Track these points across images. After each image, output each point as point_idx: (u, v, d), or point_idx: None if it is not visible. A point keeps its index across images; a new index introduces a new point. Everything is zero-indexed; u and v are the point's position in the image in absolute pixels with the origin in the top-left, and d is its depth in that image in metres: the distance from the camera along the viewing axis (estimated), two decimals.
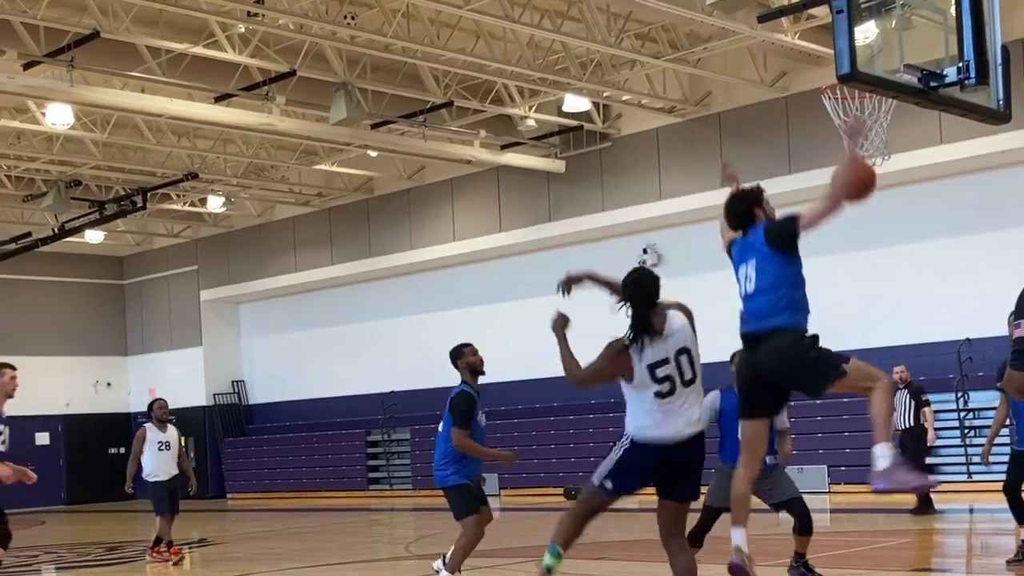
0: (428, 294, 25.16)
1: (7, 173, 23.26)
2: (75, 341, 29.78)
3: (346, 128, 18.20)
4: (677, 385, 6.20)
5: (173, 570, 13.96)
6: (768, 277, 6.26)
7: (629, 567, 11.18)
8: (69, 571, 13.94)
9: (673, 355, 6.27)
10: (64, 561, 14.91)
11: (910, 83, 6.24)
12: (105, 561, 14.57)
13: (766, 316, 6.11)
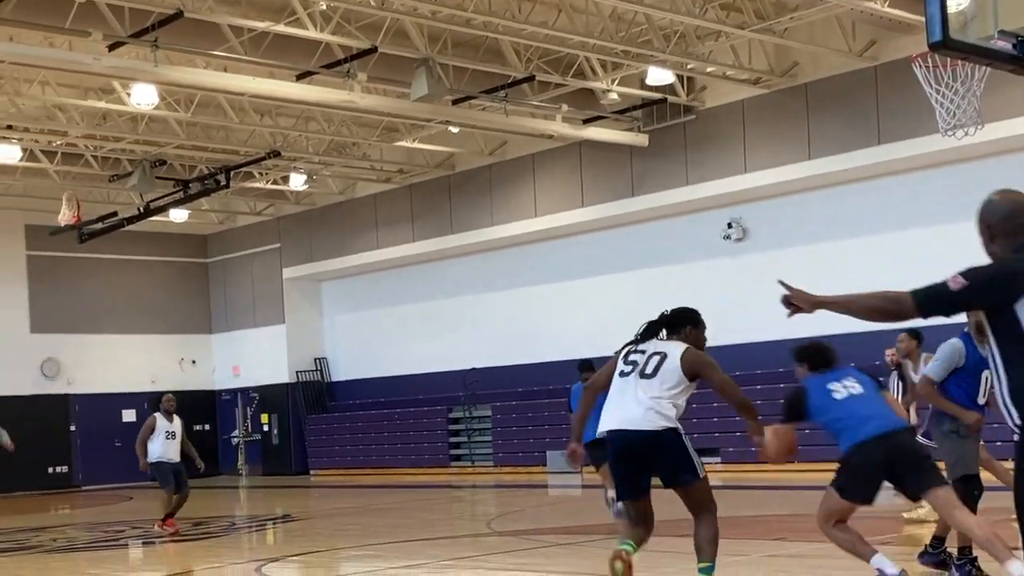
0: (510, 270, 25.36)
1: (93, 154, 23.92)
2: (161, 319, 30.55)
3: (427, 104, 18.39)
4: (635, 371, 6.82)
5: (258, 544, 14.41)
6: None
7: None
8: (156, 545, 14.35)
9: (649, 352, 6.90)
10: (152, 535, 15.37)
11: (1004, 50, 6.21)
12: (190, 536, 14.96)
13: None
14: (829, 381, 6.71)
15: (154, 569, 12.03)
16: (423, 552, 11.70)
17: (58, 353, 28.85)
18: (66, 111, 20.79)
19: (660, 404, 6.69)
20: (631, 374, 6.80)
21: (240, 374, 30.72)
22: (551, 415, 23.54)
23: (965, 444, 7.66)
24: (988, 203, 4.25)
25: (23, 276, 28.43)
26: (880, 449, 6.41)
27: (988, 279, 4.02)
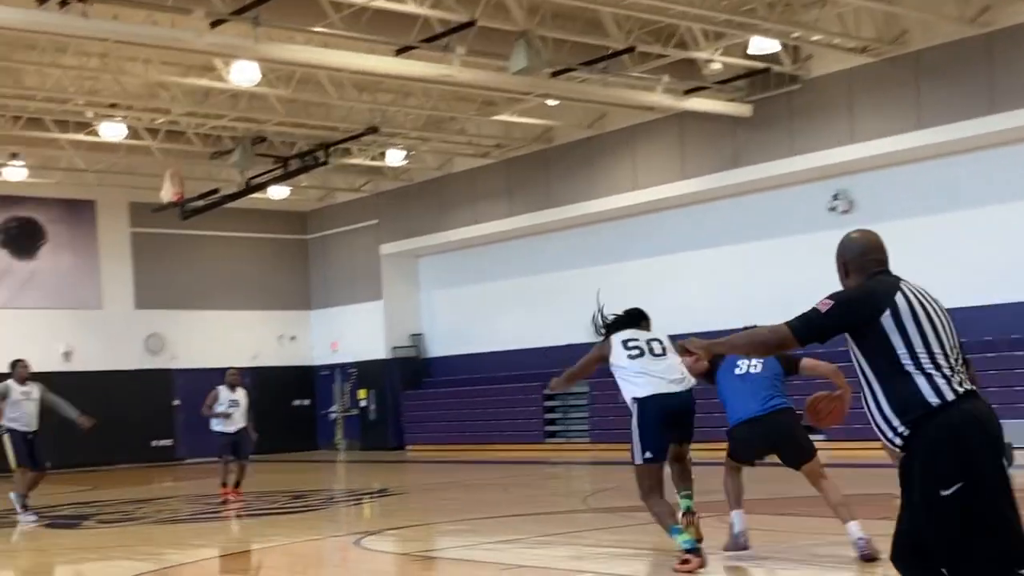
0: (608, 244, 25.44)
1: (195, 131, 24.52)
2: (261, 296, 31.25)
3: (526, 77, 18.47)
4: (646, 353, 8.59)
5: (356, 518, 14.78)
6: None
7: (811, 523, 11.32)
8: (258, 518, 14.73)
9: (644, 340, 8.70)
10: (253, 508, 15.79)
11: None
12: (291, 509, 15.34)
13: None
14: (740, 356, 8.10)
15: (255, 541, 12.42)
16: (518, 528, 11.88)
17: (162, 329, 29.70)
18: (168, 89, 21.34)
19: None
20: (642, 356, 8.60)
21: (338, 350, 31.31)
22: None
23: None
24: (845, 240, 4.76)
25: (127, 253, 29.29)
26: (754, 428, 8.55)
27: (851, 297, 4.51)
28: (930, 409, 4.29)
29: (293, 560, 10.62)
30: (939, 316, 4.49)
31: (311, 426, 31.79)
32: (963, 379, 4.41)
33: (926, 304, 4.49)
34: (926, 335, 4.41)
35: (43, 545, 12.14)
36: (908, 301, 4.46)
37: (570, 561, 9.35)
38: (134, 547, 11.92)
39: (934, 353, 4.38)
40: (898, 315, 4.41)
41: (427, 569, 9.65)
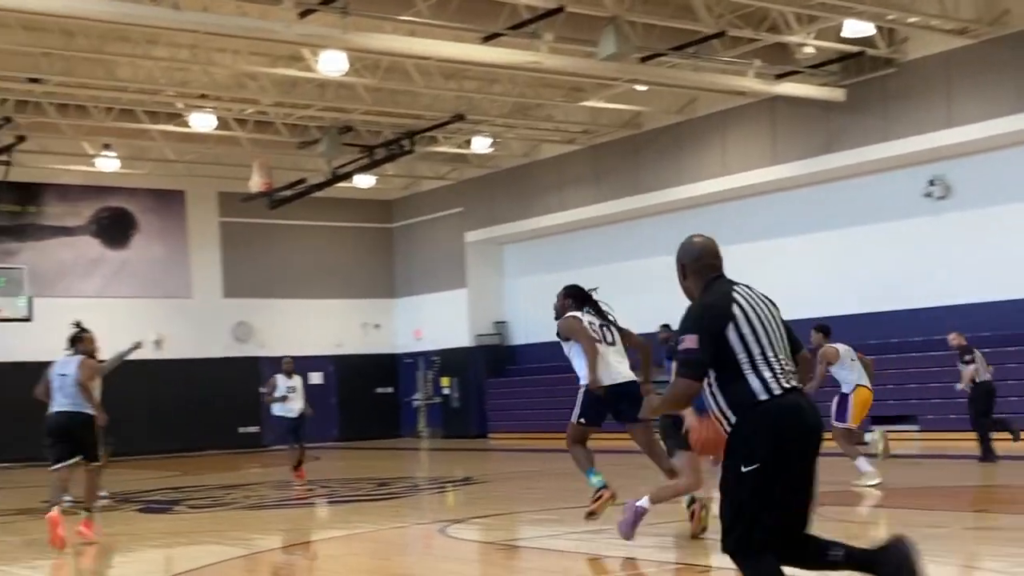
0: (697, 230, 24.81)
1: (283, 121, 24.95)
2: (346, 284, 31.68)
3: (615, 63, 18.50)
4: (602, 340, 9.82)
5: (439, 506, 14.97)
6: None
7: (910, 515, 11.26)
8: (343, 505, 14.98)
9: (599, 325, 10.04)
10: (338, 495, 16.03)
11: None
12: (375, 496, 15.52)
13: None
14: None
15: (340, 527, 12.62)
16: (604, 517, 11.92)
17: (249, 317, 30.27)
18: (257, 79, 21.73)
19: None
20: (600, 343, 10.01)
21: (422, 338, 31.63)
22: None
23: None
24: (685, 244, 5.39)
25: (216, 243, 29.90)
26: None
27: (705, 327, 5.00)
28: (759, 402, 4.92)
29: (378, 547, 10.80)
30: (770, 318, 5.09)
31: (394, 414, 32.19)
32: (790, 376, 5.02)
33: (758, 308, 5.08)
34: (759, 339, 5.00)
35: (136, 529, 12.51)
36: (743, 309, 5.05)
37: (657, 552, 9.41)
38: (224, 532, 12.22)
39: (767, 355, 4.98)
40: (737, 326, 5.00)
41: (512, 558, 9.78)
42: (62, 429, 10.97)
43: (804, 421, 4.98)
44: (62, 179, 27.65)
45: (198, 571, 9.23)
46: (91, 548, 11.10)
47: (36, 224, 27.75)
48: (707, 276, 5.25)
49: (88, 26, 18.34)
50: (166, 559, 10.68)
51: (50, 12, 16.40)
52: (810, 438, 5.00)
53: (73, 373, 10.99)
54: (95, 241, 28.47)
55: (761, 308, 5.10)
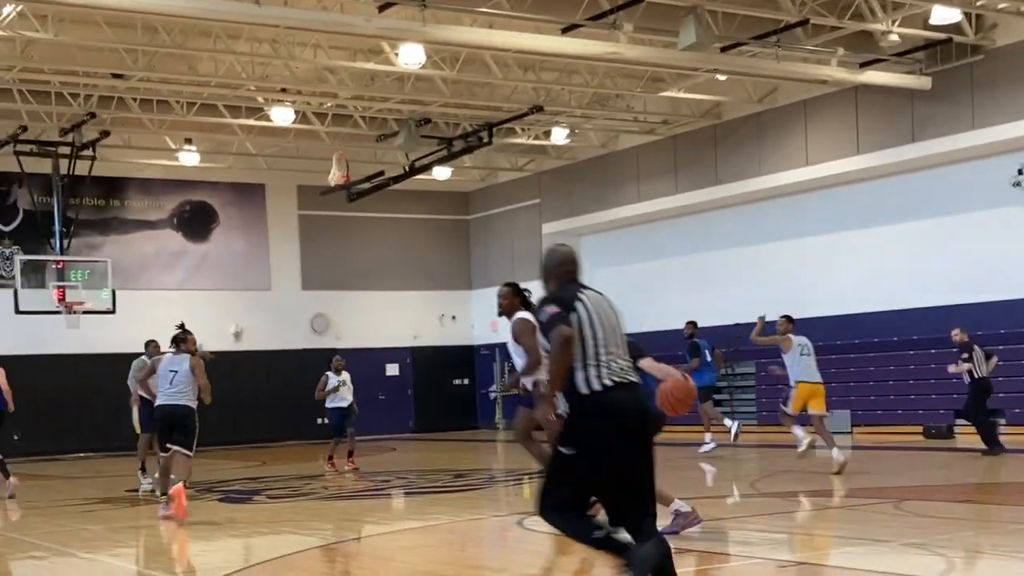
0: (779, 221, 25.18)
1: (361, 114, 25.23)
2: (423, 276, 31.95)
3: (695, 53, 18.45)
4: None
5: (516, 498, 15.06)
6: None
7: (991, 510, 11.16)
8: (420, 496, 15.16)
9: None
10: (414, 486, 16.20)
11: None
12: (452, 487, 15.65)
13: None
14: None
15: (417, 519, 12.75)
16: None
17: (327, 309, 30.67)
18: (336, 73, 22.01)
19: None
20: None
21: (498, 329, 31.77)
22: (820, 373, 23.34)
23: None
24: (547, 252, 6.23)
25: (295, 235, 30.32)
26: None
27: (560, 298, 5.88)
28: (583, 395, 5.66)
29: (454, 538, 10.94)
30: (610, 321, 5.88)
31: (471, 405, 32.40)
32: (622, 372, 5.74)
33: (599, 311, 5.86)
34: (596, 337, 5.74)
35: (216, 519, 12.78)
36: (586, 308, 5.82)
37: (737, 546, 9.42)
38: (302, 522, 12.43)
39: (599, 353, 5.71)
40: (578, 320, 5.76)
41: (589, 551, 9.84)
42: (168, 419, 12.56)
43: (626, 415, 5.69)
44: (144, 173, 28.23)
45: (277, 560, 9.42)
46: (172, 537, 11.40)
47: (119, 218, 28.37)
48: (565, 280, 6.08)
49: (171, 22, 18.71)
50: (245, 548, 10.90)
51: (134, 8, 16.77)
52: (633, 429, 5.73)
53: (185, 370, 12.50)
54: (177, 234, 29.03)
55: (602, 312, 5.89)
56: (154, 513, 12.83)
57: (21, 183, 25.75)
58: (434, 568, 9.08)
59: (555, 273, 6.12)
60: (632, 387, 5.77)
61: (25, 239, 26.80)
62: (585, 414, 5.70)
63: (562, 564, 9.23)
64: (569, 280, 6.09)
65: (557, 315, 5.76)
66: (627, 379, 5.77)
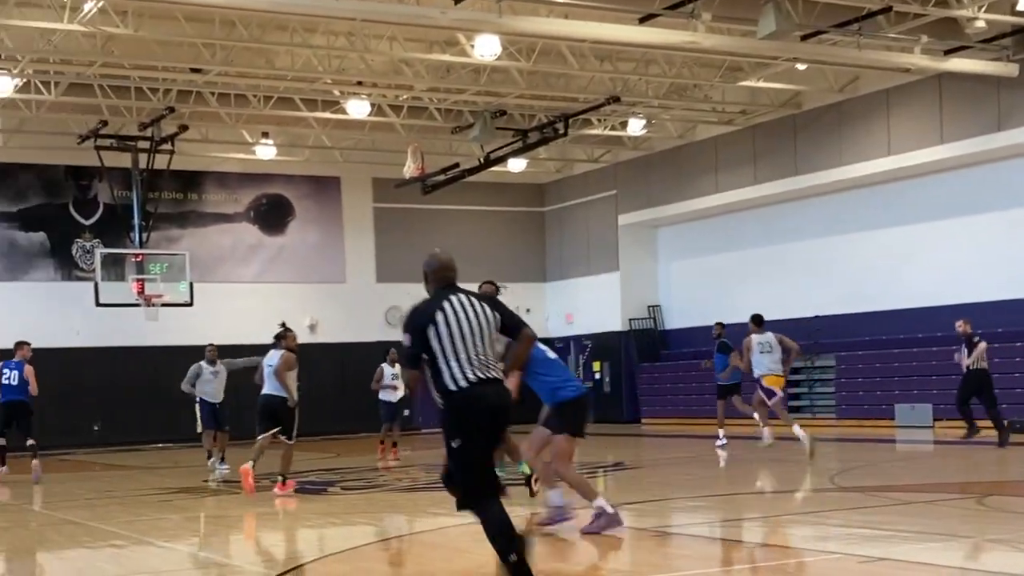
0: (859, 213, 24.92)
1: (437, 106, 25.38)
2: (497, 268, 31.87)
3: (775, 41, 18.32)
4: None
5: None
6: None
7: None
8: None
9: None
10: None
11: None
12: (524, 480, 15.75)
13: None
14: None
15: None
16: (760, 505, 11.89)
17: (401, 301, 30.84)
18: (412, 65, 22.16)
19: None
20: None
21: (573, 322, 31.81)
22: (901, 366, 23.13)
23: None
24: (428, 258, 6.96)
25: (370, 228, 30.60)
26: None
27: (413, 328, 6.63)
28: (451, 391, 6.52)
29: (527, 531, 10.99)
30: (471, 322, 6.61)
31: None
32: (485, 369, 6.55)
33: (467, 313, 6.63)
34: (454, 340, 6.55)
35: (291, 509, 12.98)
36: (445, 315, 6.60)
37: (816, 542, 9.36)
38: (376, 513, 12.57)
39: (458, 353, 6.53)
40: (436, 327, 6.57)
41: (664, 545, 9.83)
42: (266, 408, 14.22)
43: (487, 407, 6.55)
44: (222, 167, 28.67)
45: (351, 551, 9.54)
46: (248, 527, 11.59)
47: (197, 211, 28.85)
48: (441, 284, 6.81)
49: (248, 16, 19.00)
50: (319, 538, 11.05)
51: (213, 3, 17.08)
52: (494, 419, 6.57)
53: (275, 364, 14.15)
54: (253, 227, 29.44)
55: (469, 315, 6.63)
56: (228, 503, 13.07)
57: (101, 177, 26.32)
58: None
59: (434, 278, 6.89)
60: (493, 382, 6.59)
61: (105, 232, 27.37)
62: (456, 407, 6.57)
63: (638, 559, 9.25)
64: (445, 285, 6.84)
65: (408, 354, 6.68)
66: (488, 375, 6.57)
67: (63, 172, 27.46)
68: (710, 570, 8.06)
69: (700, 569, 8.22)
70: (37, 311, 26.58)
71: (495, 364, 6.68)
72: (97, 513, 13.17)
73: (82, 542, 10.98)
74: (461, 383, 6.54)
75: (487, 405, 6.57)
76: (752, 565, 8.13)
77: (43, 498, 14.98)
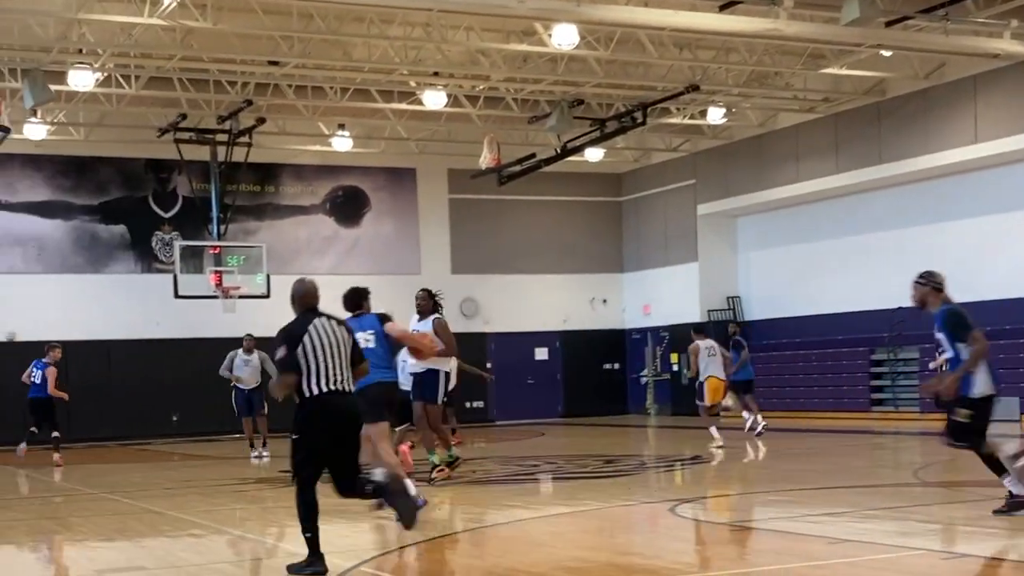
0: (945, 201, 24.56)
1: (513, 96, 25.44)
2: (573, 259, 32.05)
3: (858, 28, 18.13)
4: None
5: (668, 484, 15.07)
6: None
7: None
8: (569, 481, 15.23)
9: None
10: (563, 472, 16.26)
11: None
12: (602, 473, 15.69)
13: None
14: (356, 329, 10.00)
15: (566, 504, 12.83)
16: (843, 500, 11.78)
17: (476, 293, 31.04)
18: (489, 55, 22.22)
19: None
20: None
21: (650, 313, 31.72)
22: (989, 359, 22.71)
23: None
24: (296, 283, 8.34)
25: (445, 219, 30.76)
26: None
27: (286, 339, 7.99)
28: (306, 397, 7.97)
29: (604, 525, 10.99)
30: (335, 342, 8.05)
31: (621, 390, 32.43)
32: (336, 382, 7.99)
33: (327, 335, 8.04)
34: (318, 356, 7.97)
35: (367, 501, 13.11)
36: (310, 336, 7.99)
37: (899, 537, 9.28)
38: (452, 506, 12.67)
39: (319, 367, 7.95)
40: (303, 346, 7.97)
41: (745, 540, 9.81)
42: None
43: (338, 413, 7.99)
44: (298, 159, 29.00)
45: (427, 543, 9.62)
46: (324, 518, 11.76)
47: (273, 204, 29.22)
48: (305, 308, 8.19)
49: (325, 8, 19.19)
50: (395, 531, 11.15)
51: None
52: (342, 424, 8.02)
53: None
54: (329, 219, 29.75)
55: (329, 336, 8.06)
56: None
57: (180, 170, 26.77)
58: (584, 554, 9.18)
59: (300, 302, 8.24)
60: (343, 393, 8.05)
61: (184, 225, 27.84)
62: (309, 409, 7.99)
63: (715, 552, 9.25)
64: (308, 309, 8.18)
65: (284, 360, 8.00)
66: (340, 388, 8.02)
67: (143, 165, 27.97)
68: (789, 565, 8.02)
69: (778, 564, 8.20)
70: (118, 303, 27.16)
71: (347, 378, 8.10)
72: (176, 503, 13.45)
73: (162, 531, 11.23)
74: (315, 391, 7.94)
75: (333, 412, 7.99)
76: (832, 561, 8.09)
77: (123, 488, 15.31)
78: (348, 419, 8.07)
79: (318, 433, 7.98)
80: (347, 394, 8.08)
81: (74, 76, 21.44)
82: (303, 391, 7.95)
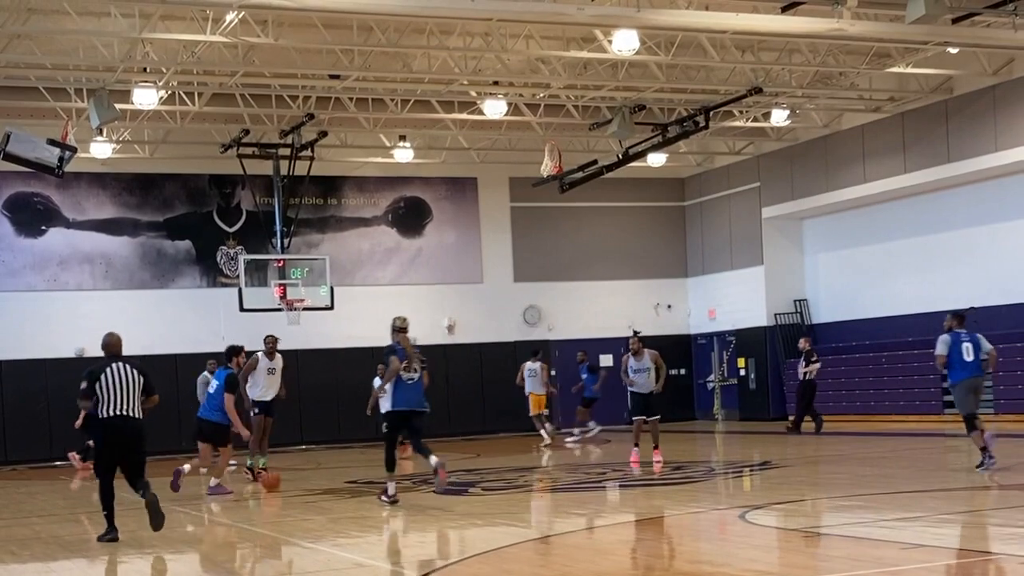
0: (1015, 199, 24.22)
1: (574, 103, 25.47)
2: (637, 264, 31.98)
3: (924, 26, 17.92)
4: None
5: (737, 490, 14.98)
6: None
7: None
8: (637, 488, 15.25)
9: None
10: (631, 479, 16.25)
11: None
12: (671, 480, 15.60)
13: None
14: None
15: (634, 511, 12.84)
16: (917, 504, 11.67)
17: (539, 300, 31.08)
18: (548, 63, 22.25)
19: None
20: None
21: (716, 317, 31.57)
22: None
23: None
24: (105, 337, 11.34)
25: (507, 227, 30.83)
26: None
27: (89, 376, 11.23)
28: (99, 419, 11.14)
29: (675, 532, 10.98)
30: (126, 382, 11.12)
31: (688, 395, 32.28)
32: (122, 410, 11.07)
33: (119, 376, 11.10)
34: (111, 390, 11.05)
35: (433, 511, 13.19)
36: (106, 375, 11.07)
37: (976, 542, 9.19)
38: (517, 514, 12.73)
39: (111, 398, 11.05)
40: (101, 382, 11.06)
41: (816, 546, 9.74)
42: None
43: (120, 432, 11.13)
44: (360, 171, 29.25)
45: (493, 553, 9.68)
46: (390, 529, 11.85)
47: (336, 216, 29.47)
48: (110, 353, 11.23)
49: (385, 21, 19.35)
50: (461, 540, 11.22)
51: (351, 9, 17.48)
52: (122, 442, 11.19)
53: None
54: (391, 230, 29.95)
55: (121, 376, 11.10)
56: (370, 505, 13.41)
57: (244, 185, 27.12)
58: (653, 562, 9.18)
59: (106, 351, 11.25)
60: (124, 418, 11.07)
61: (248, 239, 28.17)
62: (97, 429, 11.29)
63: (787, 559, 9.19)
64: (112, 355, 11.24)
65: (83, 392, 11.15)
66: (122, 413, 11.06)
67: (207, 181, 28.35)
68: (862, 572, 7.96)
69: (852, 571, 8.13)
70: (184, 317, 27.53)
71: (135, 408, 11.13)
72: (244, 515, 13.60)
73: (230, 542, 11.37)
74: (104, 416, 11.05)
75: (115, 431, 11.12)
76: (907, 566, 8.02)
77: (192, 499, 15.52)
78: (125, 438, 11.11)
79: (104, 446, 11.26)
80: (127, 419, 11.07)
81: (138, 94, 21.79)
82: (97, 414, 11.08)
